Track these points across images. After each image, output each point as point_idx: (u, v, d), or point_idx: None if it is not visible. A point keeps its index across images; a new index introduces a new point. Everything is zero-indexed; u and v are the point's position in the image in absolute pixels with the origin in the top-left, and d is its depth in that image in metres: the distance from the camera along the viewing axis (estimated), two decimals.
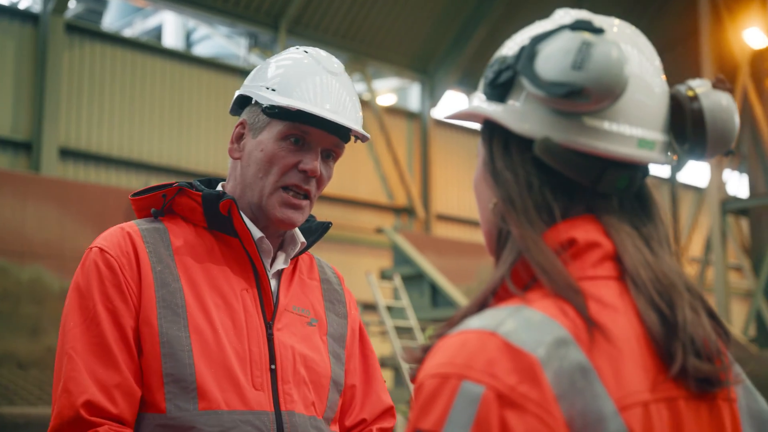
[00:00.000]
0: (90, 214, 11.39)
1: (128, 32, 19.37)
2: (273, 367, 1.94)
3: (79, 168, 14.11)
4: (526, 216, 1.20)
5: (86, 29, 14.77)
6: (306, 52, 2.05)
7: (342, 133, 2.00)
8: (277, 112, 1.96)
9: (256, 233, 1.99)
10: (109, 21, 20.15)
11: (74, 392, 1.81)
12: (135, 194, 2.02)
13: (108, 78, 14.53)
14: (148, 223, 2.00)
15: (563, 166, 1.19)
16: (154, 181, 14.30)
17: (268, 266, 2.01)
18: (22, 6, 16.24)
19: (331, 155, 2.03)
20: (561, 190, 1.22)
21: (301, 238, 2.07)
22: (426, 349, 1.16)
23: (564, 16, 1.28)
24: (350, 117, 2.00)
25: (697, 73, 16.99)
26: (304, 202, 1.99)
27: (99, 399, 1.81)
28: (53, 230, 11.33)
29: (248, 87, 2.03)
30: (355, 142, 2.06)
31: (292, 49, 2.09)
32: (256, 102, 1.99)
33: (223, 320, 1.92)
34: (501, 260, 1.23)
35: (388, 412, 2.18)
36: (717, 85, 1.28)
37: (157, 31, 19.72)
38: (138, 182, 14.41)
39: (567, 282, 1.14)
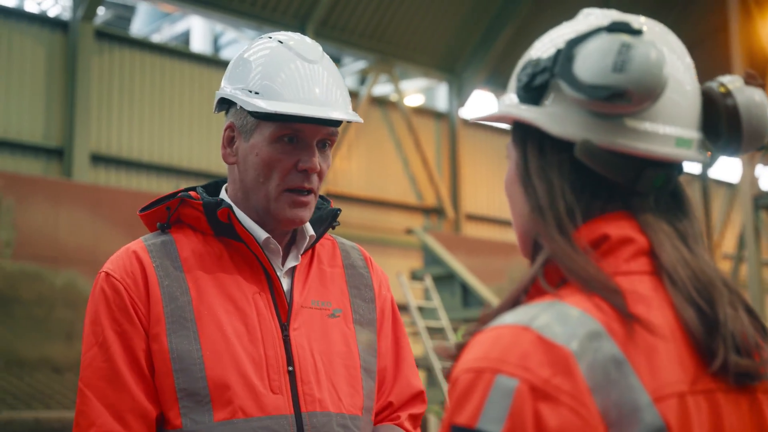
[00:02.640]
0: (122, 218, 11.48)
1: (156, 38, 19.50)
2: (291, 369, 1.91)
3: (110, 173, 14.22)
4: (556, 223, 1.20)
5: (115, 35, 14.87)
6: (280, 42, 1.98)
7: (334, 121, 1.95)
8: (266, 115, 1.91)
9: (261, 235, 1.96)
10: (138, 27, 20.30)
11: (83, 426, 1.85)
12: (142, 209, 2.01)
13: (137, 83, 14.63)
14: (155, 237, 1.99)
15: (602, 167, 1.20)
16: (184, 185, 14.33)
17: (278, 266, 1.99)
18: (51, 14, 16.41)
19: (326, 144, 1.98)
20: (598, 190, 1.23)
21: (310, 231, 2.03)
22: (461, 346, 1.17)
23: (589, 15, 1.29)
24: (339, 105, 1.95)
25: (726, 69, 16.86)
26: (310, 197, 1.96)
27: (108, 428, 1.83)
28: (86, 235, 11.44)
29: (229, 89, 1.98)
30: (348, 122, 2.00)
31: (264, 39, 2.02)
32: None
33: (235, 327, 1.90)
34: (534, 260, 1.23)
35: (418, 397, 2.12)
36: (748, 80, 1.28)
37: (185, 36, 19.84)
38: (168, 186, 14.49)
39: (603, 284, 1.14)
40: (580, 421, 1.05)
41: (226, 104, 2.02)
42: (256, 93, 1.92)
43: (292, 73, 1.93)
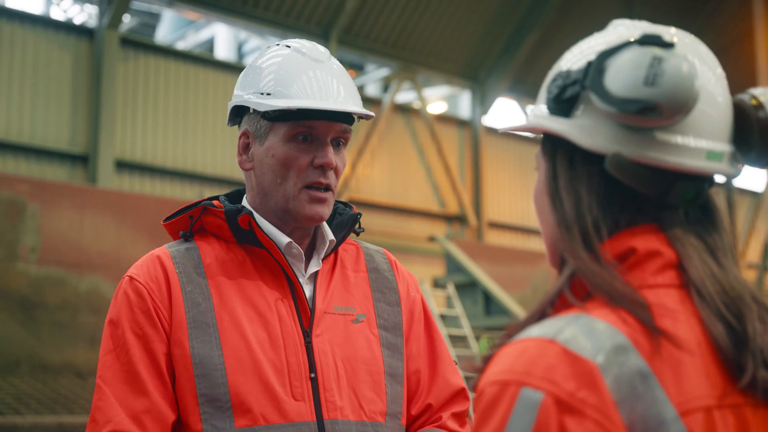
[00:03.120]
0: (146, 225, 11.56)
1: (181, 45, 19.61)
2: (313, 375, 1.90)
3: (134, 180, 14.31)
4: (581, 237, 1.20)
5: (140, 43, 14.97)
6: (288, 46, 2.01)
7: (346, 118, 1.97)
8: (279, 115, 1.93)
9: (283, 240, 1.97)
10: (163, 34, 20.43)
11: (99, 422, 1.84)
12: (166, 219, 2.03)
13: (162, 90, 14.72)
14: (179, 245, 2.00)
15: (632, 180, 1.19)
16: (208, 191, 14.44)
17: (301, 272, 1.99)
18: (77, 21, 16.53)
19: (340, 142, 1.99)
20: (627, 203, 1.22)
21: (330, 236, 2.04)
22: (487, 359, 1.17)
23: (619, 26, 1.28)
24: (350, 101, 1.97)
25: (752, 76, 16.76)
26: (328, 194, 1.97)
27: (124, 427, 1.83)
28: (110, 241, 11.52)
29: (241, 96, 2.00)
30: (358, 121, 2.01)
31: (273, 47, 2.05)
32: (255, 110, 1.97)
33: (257, 333, 1.90)
34: (561, 272, 1.23)
35: (460, 394, 2.09)
36: None
37: (210, 44, 19.94)
38: (192, 193, 14.57)
39: (629, 297, 1.14)
40: None
41: (239, 116, 2.05)
42: (268, 94, 1.94)
43: (303, 73, 1.96)
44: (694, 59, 1.23)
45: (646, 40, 1.19)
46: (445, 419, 2.04)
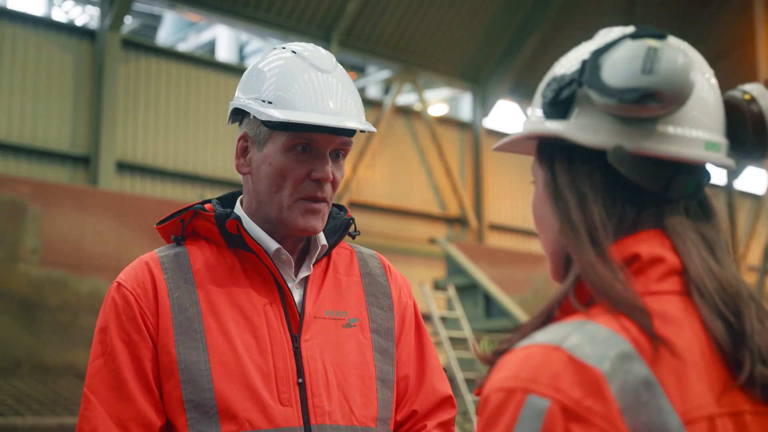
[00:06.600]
0: (147, 226, 11.53)
1: (182, 47, 19.60)
2: (301, 380, 1.90)
3: (135, 181, 14.30)
4: (588, 236, 1.21)
5: (142, 44, 14.97)
6: (294, 52, 1.99)
7: (347, 131, 1.94)
8: (279, 124, 1.91)
9: (272, 245, 1.96)
10: (164, 36, 20.43)
11: (86, 430, 1.86)
12: (159, 223, 2.03)
13: (163, 92, 14.72)
14: (168, 249, 2.01)
15: (634, 173, 1.20)
16: (209, 193, 14.43)
17: (291, 276, 1.98)
18: (79, 23, 16.53)
19: (340, 154, 1.97)
20: (630, 199, 1.23)
21: (322, 241, 2.02)
22: (499, 353, 1.18)
23: (609, 33, 1.30)
24: (353, 115, 1.94)
25: (752, 80, 16.72)
26: (323, 206, 1.95)
27: None
28: (111, 243, 11.52)
29: (242, 99, 1.98)
30: (361, 132, 1.98)
31: (278, 49, 2.02)
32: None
33: (245, 339, 1.89)
34: (566, 276, 1.24)
35: (446, 402, 2.08)
36: None
37: (211, 45, 19.94)
38: (193, 195, 14.55)
39: (630, 302, 1.14)
40: None
41: (239, 115, 2.03)
42: (270, 102, 1.92)
43: (306, 83, 1.93)
44: (686, 51, 1.24)
45: (639, 34, 1.21)
46: (430, 428, 2.03)
